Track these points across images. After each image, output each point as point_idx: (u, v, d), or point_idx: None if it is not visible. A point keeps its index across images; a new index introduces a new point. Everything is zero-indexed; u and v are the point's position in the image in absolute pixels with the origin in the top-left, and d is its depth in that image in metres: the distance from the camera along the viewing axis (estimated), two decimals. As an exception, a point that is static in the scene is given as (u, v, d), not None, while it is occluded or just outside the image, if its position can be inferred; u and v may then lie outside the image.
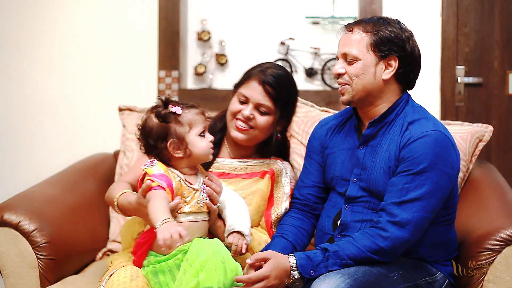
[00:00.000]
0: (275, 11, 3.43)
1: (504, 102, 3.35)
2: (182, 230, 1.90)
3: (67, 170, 2.96)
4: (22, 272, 2.33)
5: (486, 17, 3.33)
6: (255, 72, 2.38)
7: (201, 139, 2.14)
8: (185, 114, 2.12)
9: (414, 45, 2.18)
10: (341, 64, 2.18)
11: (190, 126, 2.13)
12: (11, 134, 3.47)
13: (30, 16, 3.45)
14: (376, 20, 2.18)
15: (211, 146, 2.17)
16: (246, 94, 2.35)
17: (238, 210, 2.22)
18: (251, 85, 2.36)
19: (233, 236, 2.15)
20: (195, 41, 3.47)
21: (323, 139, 2.35)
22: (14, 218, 2.34)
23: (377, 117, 2.18)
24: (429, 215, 2.07)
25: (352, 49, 2.14)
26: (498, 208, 2.36)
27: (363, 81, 2.14)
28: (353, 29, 2.17)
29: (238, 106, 2.36)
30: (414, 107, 2.20)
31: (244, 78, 2.41)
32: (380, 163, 2.15)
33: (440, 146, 2.08)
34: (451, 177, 2.11)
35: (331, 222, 2.24)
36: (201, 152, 2.15)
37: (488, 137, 2.71)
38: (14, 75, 3.47)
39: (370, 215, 2.16)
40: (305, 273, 2.03)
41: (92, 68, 3.45)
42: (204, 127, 2.15)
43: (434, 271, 2.17)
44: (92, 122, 3.44)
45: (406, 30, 2.18)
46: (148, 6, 3.41)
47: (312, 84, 3.44)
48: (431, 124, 2.13)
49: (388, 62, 2.14)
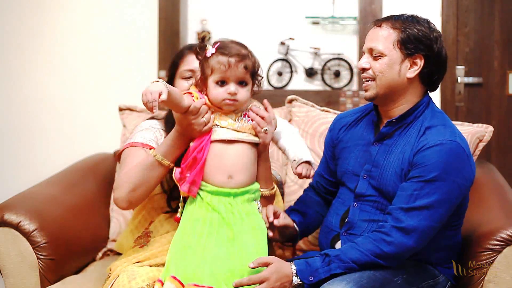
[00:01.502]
0: (275, 11, 3.43)
1: (504, 102, 3.35)
2: (164, 92, 1.94)
3: (67, 170, 2.96)
4: (22, 272, 2.33)
5: (486, 17, 3.33)
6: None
7: (215, 87, 2.11)
8: (213, 57, 2.10)
9: (442, 46, 2.15)
10: (366, 59, 2.16)
11: (212, 71, 2.10)
12: (11, 134, 3.47)
13: (30, 16, 3.45)
14: (406, 17, 2.16)
15: (225, 97, 2.09)
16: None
17: (297, 141, 2.27)
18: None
19: (302, 167, 2.23)
20: (195, 41, 3.46)
21: (336, 134, 2.35)
22: (14, 218, 2.34)
23: (396, 117, 2.16)
24: (436, 224, 2.05)
25: (378, 45, 2.12)
26: (498, 208, 2.36)
27: (388, 77, 2.12)
28: (381, 25, 2.15)
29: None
30: (434, 111, 2.17)
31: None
32: (393, 163, 2.13)
33: (454, 157, 2.05)
34: (463, 188, 2.08)
35: (338, 220, 2.23)
36: (213, 100, 2.12)
37: (488, 137, 2.71)
38: (14, 75, 3.47)
39: (378, 215, 2.14)
40: (304, 278, 2.02)
41: (92, 68, 3.45)
42: (223, 77, 2.09)
43: (436, 274, 2.17)
44: (92, 122, 3.44)
45: (435, 30, 2.15)
46: (148, 6, 3.41)
47: (312, 84, 3.44)
48: (448, 132, 2.09)
49: (414, 60, 2.12)
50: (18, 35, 3.45)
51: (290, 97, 3.00)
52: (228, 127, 2.12)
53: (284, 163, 2.90)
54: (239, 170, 2.12)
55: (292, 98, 2.99)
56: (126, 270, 2.12)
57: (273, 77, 3.43)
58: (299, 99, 2.98)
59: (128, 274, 2.09)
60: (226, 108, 2.13)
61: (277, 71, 3.43)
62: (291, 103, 2.99)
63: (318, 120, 2.86)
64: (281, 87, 3.42)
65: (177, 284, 1.98)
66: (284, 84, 3.42)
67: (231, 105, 2.12)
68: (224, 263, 2.02)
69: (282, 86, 3.43)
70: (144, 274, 2.09)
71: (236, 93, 2.10)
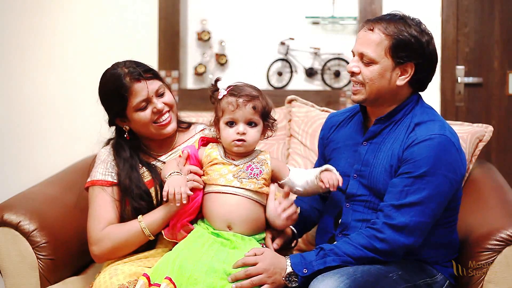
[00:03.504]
0: (275, 11, 3.43)
1: (504, 102, 3.35)
2: (188, 190, 2.04)
3: (67, 170, 2.96)
4: (22, 272, 2.33)
5: (486, 17, 3.33)
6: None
7: (225, 128, 2.13)
8: (224, 99, 2.13)
9: (433, 49, 2.15)
10: (356, 62, 2.14)
11: (223, 112, 2.13)
12: (11, 134, 3.47)
13: (30, 16, 3.45)
14: (398, 19, 2.13)
15: (234, 138, 2.11)
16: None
17: (303, 171, 2.24)
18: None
19: (325, 174, 2.14)
20: (195, 41, 3.47)
21: (327, 133, 2.36)
22: (14, 218, 2.34)
23: (385, 115, 2.16)
24: (428, 219, 2.05)
25: (370, 51, 2.10)
26: (498, 208, 2.36)
27: (377, 85, 2.11)
28: (373, 29, 2.12)
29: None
30: (423, 108, 2.17)
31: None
32: (382, 160, 2.14)
33: (443, 151, 2.05)
34: (453, 182, 2.08)
35: (332, 221, 2.24)
36: (224, 142, 2.15)
37: (488, 137, 2.71)
38: (14, 75, 3.47)
39: (370, 215, 2.15)
40: (298, 270, 2.02)
41: (92, 68, 3.43)
42: (232, 117, 2.11)
43: (434, 273, 2.17)
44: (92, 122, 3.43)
45: (426, 33, 2.14)
46: (148, 6, 3.41)
47: (312, 84, 3.44)
48: (437, 127, 2.10)
49: (404, 68, 2.11)
50: (18, 35, 3.45)
51: (290, 97, 3.00)
52: (225, 184, 2.12)
53: (285, 162, 2.91)
54: (238, 221, 2.11)
55: (292, 98, 2.99)
56: (109, 268, 2.14)
57: (273, 77, 3.43)
58: (299, 99, 2.99)
59: (110, 271, 2.10)
60: (236, 150, 2.13)
61: (277, 71, 3.43)
62: (291, 103, 2.99)
63: (318, 120, 2.87)
64: (281, 87, 3.42)
65: (172, 287, 1.98)
66: (284, 84, 3.42)
67: (240, 146, 2.12)
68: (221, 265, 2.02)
69: (282, 86, 3.43)
70: (126, 270, 2.10)
71: (244, 132, 2.11)
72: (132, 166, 2.24)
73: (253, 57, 3.44)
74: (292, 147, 2.91)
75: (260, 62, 3.44)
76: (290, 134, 2.95)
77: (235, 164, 2.14)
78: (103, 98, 2.33)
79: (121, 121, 2.30)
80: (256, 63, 3.44)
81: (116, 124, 2.33)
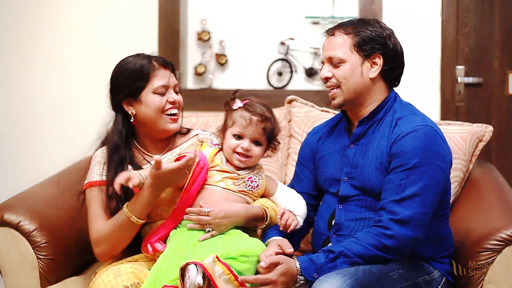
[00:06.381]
0: (275, 11, 3.43)
1: (504, 102, 3.35)
2: (130, 177, 2.06)
3: (67, 170, 2.95)
4: (22, 272, 2.33)
5: (486, 17, 3.33)
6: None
7: (231, 138, 2.20)
8: (238, 111, 2.20)
9: (396, 42, 2.21)
10: (327, 68, 2.20)
11: (233, 123, 2.20)
12: (11, 134, 3.48)
13: (30, 16, 3.45)
14: (356, 21, 2.21)
15: (238, 151, 2.19)
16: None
17: (295, 198, 2.26)
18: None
19: (286, 212, 2.17)
20: (195, 41, 3.47)
21: (315, 146, 2.37)
22: (14, 218, 2.34)
23: (367, 115, 2.20)
24: (429, 209, 2.08)
25: (336, 52, 2.17)
26: (498, 208, 2.36)
27: (352, 82, 2.16)
28: (334, 33, 2.20)
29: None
30: (402, 104, 2.22)
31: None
32: (371, 160, 2.16)
33: (430, 140, 2.09)
34: (445, 170, 2.12)
35: (326, 223, 2.25)
36: (226, 148, 2.22)
37: (488, 137, 2.71)
38: (14, 75, 3.47)
39: (363, 213, 2.17)
40: (309, 276, 2.03)
41: (92, 68, 3.45)
42: (241, 132, 2.18)
43: (431, 270, 2.17)
44: (92, 122, 3.44)
45: (386, 28, 2.21)
46: (148, 6, 3.41)
47: (312, 84, 3.44)
48: (420, 119, 2.15)
49: (373, 60, 2.17)
50: (18, 35, 3.45)
51: (289, 97, 3.00)
52: (224, 187, 2.19)
53: (283, 163, 2.91)
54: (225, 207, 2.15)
55: (292, 98, 2.99)
56: (111, 267, 2.13)
57: (273, 77, 3.43)
58: (299, 99, 2.99)
59: (114, 270, 2.09)
60: (237, 163, 2.20)
61: (277, 71, 3.43)
62: (290, 104, 2.99)
63: (318, 120, 2.86)
64: (281, 87, 3.42)
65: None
66: (284, 84, 3.42)
67: (242, 162, 2.19)
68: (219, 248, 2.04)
69: (282, 86, 3.43)
70: (130, 271, 2.09)
71: (249, 149, 2.18)
72: (123, 167, 2.26)
73: (253, 57, 3.45)
74: (292, 147, 2.91)
75: (260, 62, 3.44)
76: (290, 134, 2.95)
77: (238, 173, 2.21)
78: (118, 79, 2.30)
79: (129, 104, 2.28)
80: (256, 63, 3.44)
81: (121, 109, 2.31)
